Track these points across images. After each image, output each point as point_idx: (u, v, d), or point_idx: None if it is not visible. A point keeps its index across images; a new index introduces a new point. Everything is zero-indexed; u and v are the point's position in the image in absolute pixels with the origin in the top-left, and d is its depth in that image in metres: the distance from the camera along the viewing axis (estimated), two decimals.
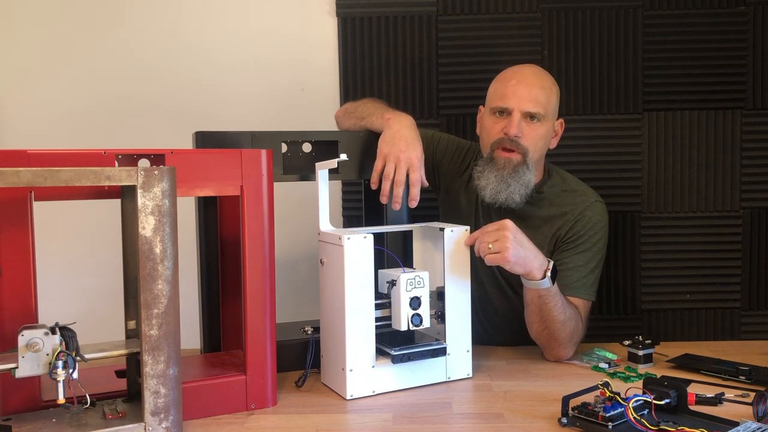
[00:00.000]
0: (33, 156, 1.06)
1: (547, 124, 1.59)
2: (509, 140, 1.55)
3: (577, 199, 1.63)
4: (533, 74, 1.60)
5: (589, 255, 1.58)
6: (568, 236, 1.59)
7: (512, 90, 1.56)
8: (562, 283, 1.51)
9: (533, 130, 1.57)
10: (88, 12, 2.03)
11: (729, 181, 1.97)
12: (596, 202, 1.63)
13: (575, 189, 1.66)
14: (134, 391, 1.11)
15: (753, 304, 1.99)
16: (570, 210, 1.61)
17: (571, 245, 1.59)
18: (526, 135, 1.56)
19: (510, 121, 1.55)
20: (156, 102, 2.04)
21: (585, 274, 1.56)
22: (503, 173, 1.55)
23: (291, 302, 1.89)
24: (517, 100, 1.55)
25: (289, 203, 1.89)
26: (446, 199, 1.77)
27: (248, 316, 1.20)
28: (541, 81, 1.59)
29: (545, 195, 1.65)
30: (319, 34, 2.03)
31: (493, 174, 1.56)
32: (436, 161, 1.78)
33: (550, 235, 1.61)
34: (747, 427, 1.02)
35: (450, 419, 1.16)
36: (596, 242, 1.59)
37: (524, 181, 1.55)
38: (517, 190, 1.56)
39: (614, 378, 1.36)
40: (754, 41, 1.94)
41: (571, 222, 1.60)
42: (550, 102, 1.59)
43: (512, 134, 1.55)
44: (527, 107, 1.55)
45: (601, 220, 1.61)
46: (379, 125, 1.51)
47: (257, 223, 1.20)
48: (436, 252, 1.36)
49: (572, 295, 1.53)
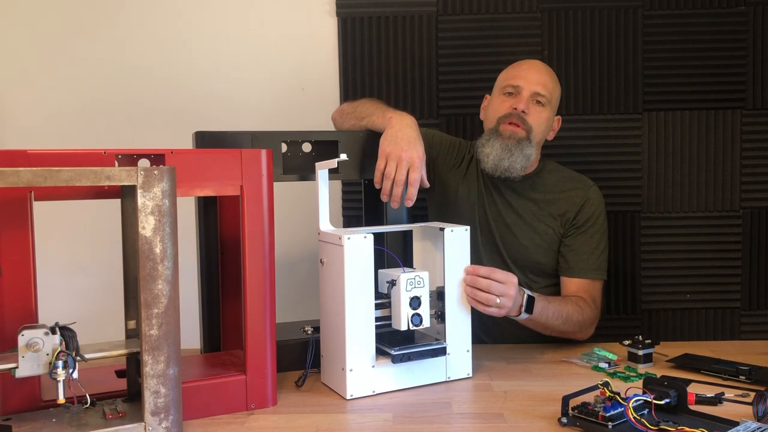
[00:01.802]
0: (33, 156, 1.06)
1: (550, 111, 1.68)
2: (517, 115, 1.62)
3: (577, 183, 1.71)
4: (543, 65, 1.71)
5: (598, 236, 1.67)
6: (578, 219, 1.66)
7: (524, 72, 1.66)
8: (580, 267, 1.64)
9: (538, 112, 1.64)
10: (88, 12, 2.03)
11: (729, 181, 1.97)
12: (594, 186, 1.72)
13: (572, 176, 1.74)
14: (134, 391, 1.11)
15: (753, 304, 1.99)
16: (573, 194, 1.68)
17: (581, 229, 1.66)
18: (532, 114, 1.63)
19: (519, 98, 1.63)
20: (156, 102, 2.04)
21: (598, 255, 1.65)
22: (508, 143, 1.61)
23: (291, 302, 1.89)
24: (528, 81, 1.64)
25: (289, 203, 1.89)
26: (442, 193, 1.78)
27: (248, 316, 1.20)
28: (549, 72, 1.70)
29: (544, 179, 1.72)
30: (319, 34, 2.03)
31: (498, 143, 1.62)
32: (431, 157, 1.79)
33: (557, 215, 1.67)
34: (747, 427, 1.01)
35: (450, 419, 1.16)
36: (602, 223, 1.68)
37: (526, 153, 1.62)
38: (519, 161, 1.61)
39: (614, 378, 1.36)
40: (754, 41, 1.94)
41: (578, 205, 1.67)
42: (554, 93, 1.68)
43: (521, 108, 1.62)
44: (536, 89, 1.63)
45: (601, 202, 1.71)
46: (381, 124, 1.52)
47: (257, 223, 1.20)
48: (436, 252, 1.36)
49: (588, 277, 1.64)
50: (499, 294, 1.32)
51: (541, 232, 1.67)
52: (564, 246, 1.66)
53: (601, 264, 1.66)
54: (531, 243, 1.67)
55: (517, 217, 1.68)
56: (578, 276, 1.64)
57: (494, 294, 1.32)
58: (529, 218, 1.68)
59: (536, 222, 1.67)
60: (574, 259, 1.64)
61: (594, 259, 1.64)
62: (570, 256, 1.65)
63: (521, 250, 1.68)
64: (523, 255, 1.68)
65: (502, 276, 1.33)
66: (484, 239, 1.71)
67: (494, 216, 1.70)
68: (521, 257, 1.68)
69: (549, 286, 1.70)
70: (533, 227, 1.67)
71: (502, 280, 1.33)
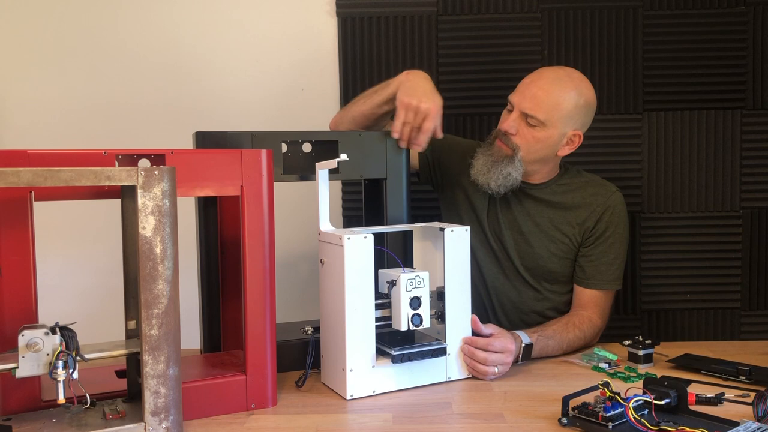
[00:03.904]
0: (33, 156, 1.06)
1: (548, 130, 1.57)
2: (503, 134, 1.61)
3: (599, 189, 1.68)
4: (550, 80, 1.58)
5: (617, 245, 1.64)
6: (597, 228, 1.64)
7: (523, 88, 1.61)
8: (597, 279, 1.63)
9: (529, 132, 1.59)
10: (88, 12, 2.03)
11: (729, 181, 1.97)
12: (617, 192, 1.68)
13: (594, 180, 1.71)
14: (134, 391, 1.11)
15: (753, 304, 1.99)
16: (594, 201, 1.65)
17: (600, 239, 1.64)
18: (521, 135, 1.59)
19: (509, 117, 1.60)
20: (156, 102, 2.04)
21: (617, 267, 1.64)
22: (490, 159, 1.61)
23: (291, 302, 1.89)
24: (521, 100, 1.59)
25: (289, 203, 1.89)
26: (453, 196, 1.77)
27: (248, 316, 1.20)
28: (554, 88, 1.57)
29: (566, 185, 1.69)
30: (319, 34, 2.03)
31: (483, 157, 1.63)
32: (436, 158, 1.79)
33: (576, 224, 1.65)
34: (747, 427, 1.01)
35: (450, 419, 1.16)
36: (623, 232, 1.66)
37: (504, 173, 1.60)
38: (495, 179, 1.60)
39: (614, 378, 1.36)
40: (754, 41, 1.94)
41: (598, 213, 1.64)
42: (557, 110, 1.56)
43: (504, 128, 1.61)
44: (525, 109, 1.57)
45: (624, 209, 1.67)
46: (395, 85, 1.54)
47: (257, 223, 1.20)
48: (436, 252, 1.36)
49: (604, 289, 1.63)
50: (497, 364, 1.34)
51: (558, 240, 1.65)
52: (582, 256, 1.64)
53: (619, 275, 1.65)
54: (546, 252, 1.65)
55: (534, 225, 1.66)
56: (594, 288, 1.63)
57: (492, 365, 1.33)
58: (546, 226, 1.66)
59: (553, 230, 1.65)
60: (592, 271, 1.63)
61: (612, 271, 1.63)
62: (588, 267, 1.63)
63: (536, 258, 1.66)
64: (537, 264, 1.66)
65: (500, 346, 1.34)
66: (497, 247, 1.69)
67: (509, 223, 1.68)
68: (535, 266, 1.67)
69: (563, 293, 1.69)
70: (550, 236, 1.65)
71: (499, 350, 1.34)
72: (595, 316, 1.60)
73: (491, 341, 1.34)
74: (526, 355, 1.43)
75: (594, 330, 1.58)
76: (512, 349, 1.36)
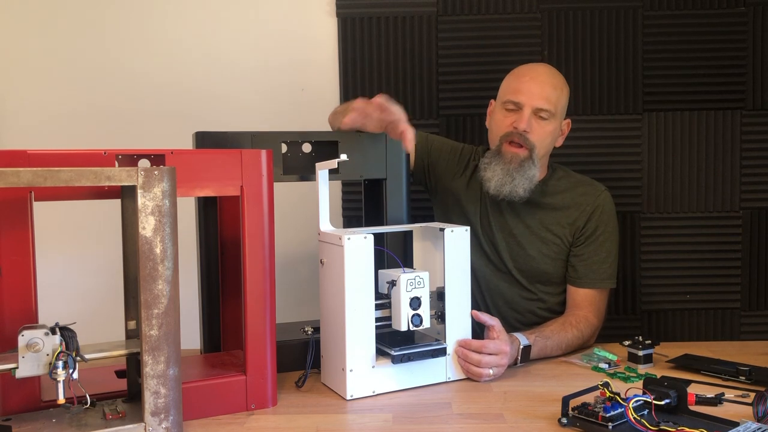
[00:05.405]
0: (33, 156, 1.06)
1: (555, 122, 1.62)
2: (518, 134, 1.59)
3: (588, 189, 1.68)
4: (547, 73, 1.64)
5: (608, 244, 1.65)
6: (587, 228, 1.64)
7: (526, 86, 1.60)
8: (590, 278, 1.63)
9: (542, 127, 1.60)
10: (88, 12, 2.03)
11: (729, 181, 1.97)
12: (605, 191, 1.69)
13: (582, 180, 1.71)
14: (134, 391, 1.11)
15: (753, 305, 1.99)
16: (583, 200, 1.66)
17: (591, 238, 1.64)
18: (535, 131, 1.59)
19: (520, 116, 1.59)
20: (156, 102, 2.04)
21: (609, 265, 1.65)
22: (509, 167, 1.59)
23: (291, 302, 1.89)
24: (529, 96, 1.59)
25: (289, 203, 1.89)
26: (444, 200, 1.77)
27: (248, 316, 1.20)
28: (553, 80, 1.63)
29: (554, 186, 1.69)
30: (319, 34, 2.03)
31: (499, 167, 1.60)
32: (431, 162, 1.79)
33: (567, 224, 1.65)
34: (747, 427, 1.02)
35: (450, 419, 1.16)
36: (613, 230, 1.67)
37: (529, 175, 1.59)
38: (521, 185, 1.59)
39: (614, 378, 1.36)
40: (754, 41, 1.94)
41: (588, 213, 1.65)
42: (560, 101, 1.62)
43: (522, 128, 1.58)
44: (538, 104, 1.58)
45: (613, 207, 1.69)
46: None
47: (257, 223, 1.20)
48: (436, 252, 1.36)
49: (597, 287, 1.63)
50: (491, 366, 1.33)
51: (549, 241, 1.65)
52: (574, 256, 1.65)
53: (612, 273, 1.65)
54: (538, 253, 1.66)
55: (525, 227, 1.67)
56: (587, 287, 1.63)
57: (486, 367, 1.32)
58: (536, 228, 1.66)
59: (544, 231, 1.66)
60: (585, 270, 1.63)
61: (605, 269, 1.63)
62: (580, 267, 1.64)
63: (528, 260, 1.66)
64: (530, 266, 1.67)
65: (494, 348, 1.33)
66: (490, 250, 1.70)
67: (501, 227, 1.69)
68: (528, 268, 1.67)
69: (556, 294, 1.69)
70: (541, 237, 1.66)
71: (493, 352, 1.33)
72: (591, 315, 1.60)
73: (486, 343, 1.33)
74: (525, 357, 1.42)
75: (591, 329, 1.58)
76: (507, 351, 1.35)
